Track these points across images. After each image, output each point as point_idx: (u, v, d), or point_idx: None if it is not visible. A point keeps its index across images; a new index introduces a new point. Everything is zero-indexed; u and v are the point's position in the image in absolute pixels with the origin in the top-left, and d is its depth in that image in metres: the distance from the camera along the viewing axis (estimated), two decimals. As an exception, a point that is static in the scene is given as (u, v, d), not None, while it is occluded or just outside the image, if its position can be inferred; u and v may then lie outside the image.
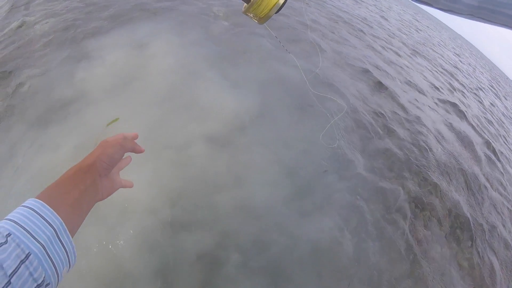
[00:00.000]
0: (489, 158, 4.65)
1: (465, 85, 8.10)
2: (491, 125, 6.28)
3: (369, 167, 3.10)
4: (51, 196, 0.53)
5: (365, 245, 2.43)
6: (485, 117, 6.53)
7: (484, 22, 0.49)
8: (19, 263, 0.42)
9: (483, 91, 8.83)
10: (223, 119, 2.95)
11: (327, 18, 7.04)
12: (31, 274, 0.43)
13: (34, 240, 0.45)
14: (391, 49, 7.01)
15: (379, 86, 4.83)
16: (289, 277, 2.10)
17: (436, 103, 5.46)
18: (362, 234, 2.48)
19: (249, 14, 0.85)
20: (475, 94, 7.96)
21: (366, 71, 5.04)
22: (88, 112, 2.82)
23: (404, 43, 8.16)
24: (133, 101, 2.96)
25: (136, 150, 0.76)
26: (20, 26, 4.20)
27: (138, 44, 3.74)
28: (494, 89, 12.08)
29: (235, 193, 2.41)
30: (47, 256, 0.46)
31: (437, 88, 6.26)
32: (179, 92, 3.15)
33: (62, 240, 0.49)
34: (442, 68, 8.11)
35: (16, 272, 0.41)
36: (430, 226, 2.88)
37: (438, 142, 4.17)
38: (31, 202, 0.50)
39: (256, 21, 0.87)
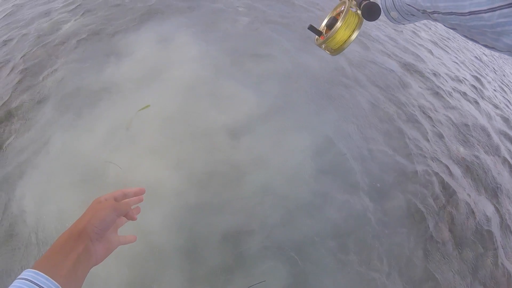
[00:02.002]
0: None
1: (493, 80, 7.80)
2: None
3: (395, 149, 3.05)
4: (43, 269, 0.51)
5: (391, 230, 2.39)
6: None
7: None
8: None
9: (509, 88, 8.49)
10: (247, 107, 2.97)
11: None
12: None
13: None
14: (418, 42, 6.80)
15: (409, 73, 4.74)
16: (313, 257, 2.13)
17: (465, 92, 5.26)
18: (387, 218, 2.44)
19: (321, 46, 0.85)
20: (502, 89, 7.65)
21: (396, 60, 4.92)
22: (120, 99, 2.91)
23: (431, 37, 7.91)
24: (162, 90, 3.03)
25: (129, 216, 0.70)
26: (53, 23, 4.38)
27: (165, 38, 3.82)
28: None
29: (260, 176, 2.45)
30: None
31: (464, 81, 6.04)
32: (205, 83, 3.19)
33: None
34: (470, 63, 7.82)
35: None
36: (458, 215, 2.79)
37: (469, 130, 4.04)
38: (25, 273, 0.50)
39: (329, 53, 0.86)
